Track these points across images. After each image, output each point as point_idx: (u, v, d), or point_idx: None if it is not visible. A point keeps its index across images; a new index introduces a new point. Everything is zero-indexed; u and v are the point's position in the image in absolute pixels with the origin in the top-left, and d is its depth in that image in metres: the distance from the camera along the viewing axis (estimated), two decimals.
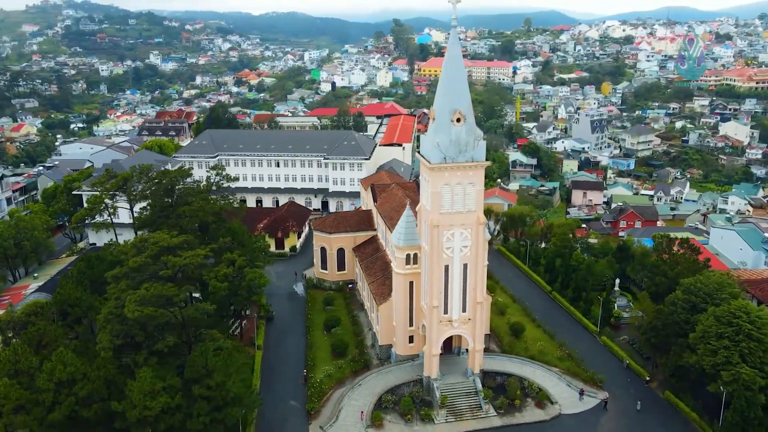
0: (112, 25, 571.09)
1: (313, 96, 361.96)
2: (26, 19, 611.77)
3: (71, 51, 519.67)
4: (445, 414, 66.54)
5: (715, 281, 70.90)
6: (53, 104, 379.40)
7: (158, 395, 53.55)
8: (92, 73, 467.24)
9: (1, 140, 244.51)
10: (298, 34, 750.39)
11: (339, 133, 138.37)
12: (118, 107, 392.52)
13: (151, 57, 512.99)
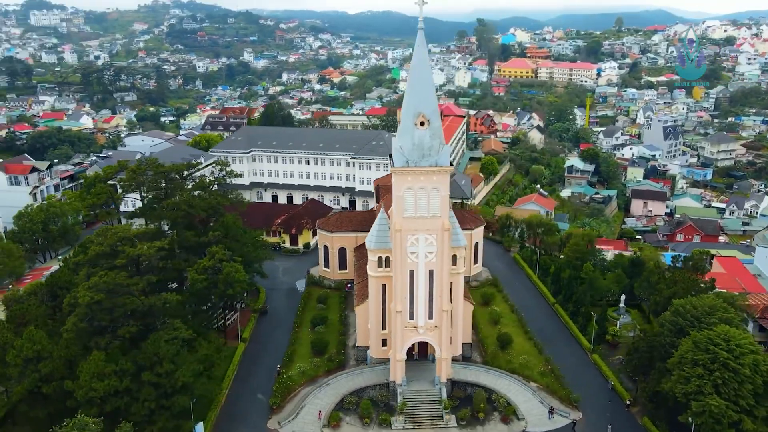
0: (212, 23, 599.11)
1: (390, 95, 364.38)
2: (137, 17, 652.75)
3: (173, 48, 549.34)
4: (404, 421, 65.99)
5: (707, 304, 66.16)
6: (150, 98, 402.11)
7: (107, 378, 56.57)
8: (189, 70, 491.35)
9: (94, 131, 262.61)
10: (391, 33, 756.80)
11: (369, 132, 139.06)
12: (209, 102, 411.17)
13: (245, 54, 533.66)
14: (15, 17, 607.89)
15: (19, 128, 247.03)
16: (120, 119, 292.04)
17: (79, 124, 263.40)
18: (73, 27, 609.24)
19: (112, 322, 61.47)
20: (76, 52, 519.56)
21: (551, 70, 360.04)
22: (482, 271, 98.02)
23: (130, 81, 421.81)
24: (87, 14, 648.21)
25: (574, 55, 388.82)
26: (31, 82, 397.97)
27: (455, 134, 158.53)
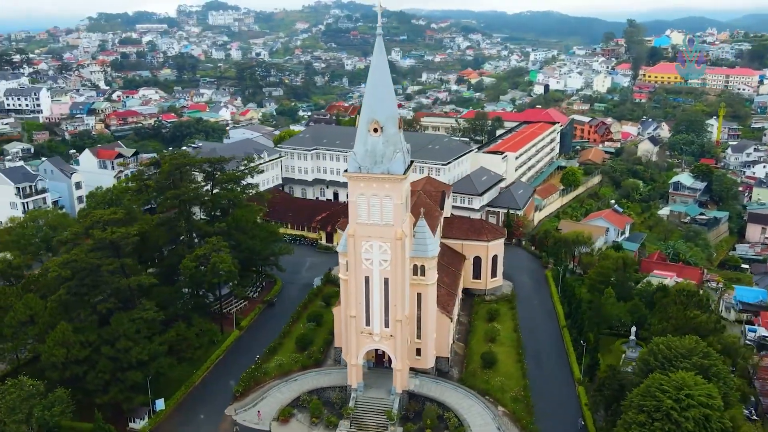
0: (365, 23, 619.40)
1: (524, 97, 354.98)
2: (301, 17, 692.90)
3: (327, 47, 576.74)
4: (349, 425, 66.19)
5: (685, 346, 59.28)
6: (295, 94, 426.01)
7: (72, 347, 63.07)
8: (338, 67, 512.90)
9: (230, 122, 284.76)
10: (549, 34, 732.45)
11: (430, 135, 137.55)
12: (351, 99, 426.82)
13: (392, 53, 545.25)
14: (196, 17, 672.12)
15: (166, 117, 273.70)
16: (255, 112, 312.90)
17: (217, 116, 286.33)
18: (243, 26, 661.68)
19: (91, 297, 68.03)
20: (242, 49, 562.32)
21: (704, 77, 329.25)
22: (502, 285, 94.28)
23: (279, 77, 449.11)
24: (257, 14, 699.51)
25: (735, 60, 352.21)
26: (195, 76, 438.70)
27: (534, 141, 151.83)
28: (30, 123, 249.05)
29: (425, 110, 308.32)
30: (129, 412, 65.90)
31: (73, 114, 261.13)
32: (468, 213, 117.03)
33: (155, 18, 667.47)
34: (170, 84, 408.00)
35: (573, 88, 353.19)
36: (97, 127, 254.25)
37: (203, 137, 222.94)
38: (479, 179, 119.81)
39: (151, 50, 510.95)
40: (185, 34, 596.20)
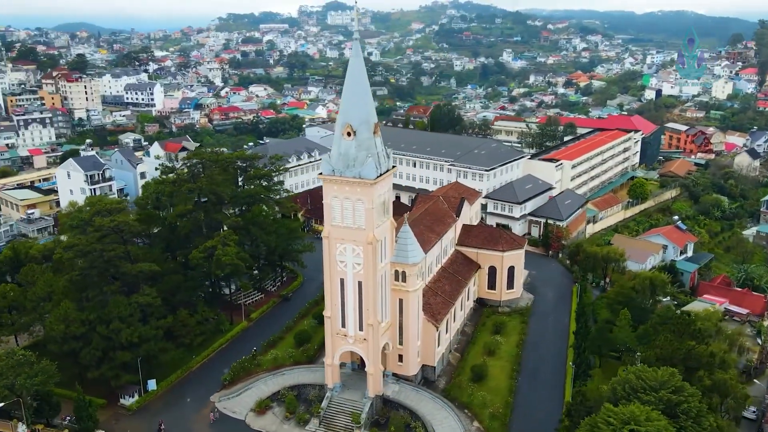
0: (479, 23, 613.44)
1: (633, 102, 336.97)
2: (416, 17, 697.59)
3: (438, 47, 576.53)
4: (318, 424, 67.24)
5: (656, 377, 55.07)
6: (400, 93, 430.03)
7: (71, 323, 68.81)
8: (447, 68, 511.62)
9: (326, 120, 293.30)
10: (681, 35, 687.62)
11: (478, 140, 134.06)
12: (455, 99, 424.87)
13: (504, 55, 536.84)
14: (316, 17, 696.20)
15: (264, 114, 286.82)
16: None
17: (313, 113, 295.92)
18: (360, 26, 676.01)
19: (101, 280, 73.73)
20: None
21: None
22: (520, 298, 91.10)
23: (385, 76, 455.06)
24: (374, 14, 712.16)
25: None
26: (304, 75, 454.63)
27: (599, 149, 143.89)
28: (144, 115, 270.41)
29: (527, 114, 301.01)
30: (120, 389, 70.75)
31: (182, 108, 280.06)
32: (507, 221, 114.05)
33: (279, 18, 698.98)
34: (281, 82, 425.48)
35: (688, 94, 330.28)
36: (201, 121, 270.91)
37: (296, 133, 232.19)
38: (522, 187, 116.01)
39: (269, 49, 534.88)
40: (304, 33, 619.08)
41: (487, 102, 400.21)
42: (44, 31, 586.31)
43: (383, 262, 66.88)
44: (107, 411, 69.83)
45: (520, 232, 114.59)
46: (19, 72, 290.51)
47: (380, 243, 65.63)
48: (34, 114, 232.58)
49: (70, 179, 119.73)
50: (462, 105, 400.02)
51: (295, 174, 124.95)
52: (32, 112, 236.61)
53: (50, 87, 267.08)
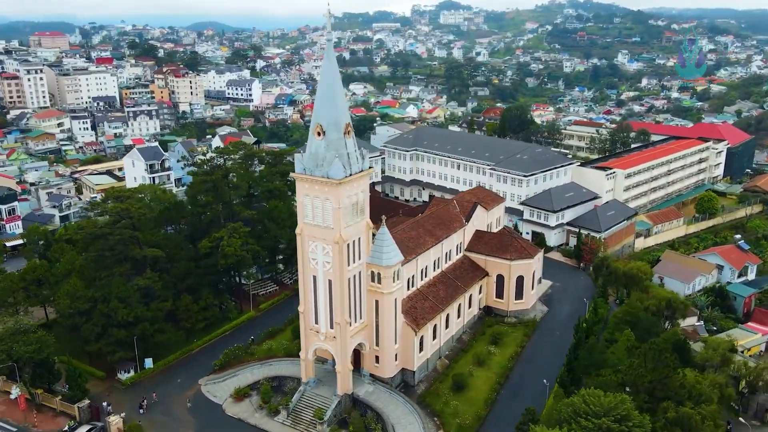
0: (596, 23, 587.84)
1: (753, 109, 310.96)
2: (531, 17, 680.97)
3: (549, 47, 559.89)
4: (286, 416, 68.92)
5: (602, 403, 52.08)
6: (502, 94, 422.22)
7: (77, 299, 74.88)
8: (556, 69, 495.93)
9: (417, 119, 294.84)
10: None
11: (523, 144, 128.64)
12: (561, 102, 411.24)
13: (619, 56, 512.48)
14: (428, 17, 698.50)
15: (355, 111, 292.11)
16: (443, 110, 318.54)
17: (404, 113, 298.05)
18: (472, 26, 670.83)
19: (114, 262, 79.68)
20: (464, 48, 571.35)
21: None
22: (530, 309, 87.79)
23: (488, 77, 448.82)
24: (488, 14, 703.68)
25: None
26: (407, 74, 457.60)
27: (665, 159, 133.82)
28: (242, 110, 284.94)
29: (635, 119, 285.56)
30: (118, 364, 76.05)
31: (277, 104, 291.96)
32: (542, 230, 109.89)
33: (392, 17, 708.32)
34: (384, 80, 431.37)
35: None
36: (294, 116, 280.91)
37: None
38: (560, 195, 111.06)
39: (377, 48, 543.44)
40: (414, 32, 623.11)
41: (593, 105, 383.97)
42: (176, 29, 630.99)
43: (356, 263, 67.30)
44: (105, 383, 75.40)
45: (556, 242, 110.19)
46: (137, 67, 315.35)
47: (352, 243, 66.16)
48: (143, 106, 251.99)
49: (134, 168, 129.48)
50: (566, 108, 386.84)
51: None
52: (141, 104, 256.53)
53: (161, 81, 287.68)
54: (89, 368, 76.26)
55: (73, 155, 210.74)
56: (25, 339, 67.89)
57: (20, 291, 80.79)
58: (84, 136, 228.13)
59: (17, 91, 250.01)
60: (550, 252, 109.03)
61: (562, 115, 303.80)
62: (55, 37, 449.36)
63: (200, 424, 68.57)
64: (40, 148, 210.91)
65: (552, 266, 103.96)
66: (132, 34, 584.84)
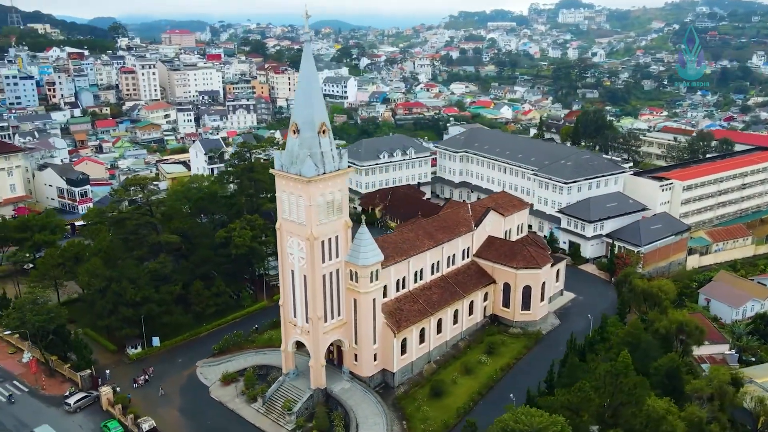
0: (731, 22, 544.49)
1: None
2: (659, 15, 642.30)
3: (674, 48, 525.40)
4: (262, 404, 71.16)
5: (533, 423, 49.98)
6: (613, 97, 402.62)
7: (95, 277, 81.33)
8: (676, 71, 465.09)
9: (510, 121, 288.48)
10: None
11: (570, 150, 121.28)
12: (679, 106, 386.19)
13: (754, 58, 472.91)
14: (546, 16, 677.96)
15: (447, 111, 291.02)
16: (538, 112, 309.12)
17: (497, 113, 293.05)
18: (593, 24, 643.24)
19: (135, 245, 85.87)
20: (580, 48, 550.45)
21: None
22: (538, 321, 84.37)
23: (599, 78, 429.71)
24: (611, 12, 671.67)
25: None
26: (513, 74, 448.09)
27: (736, 172, 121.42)
28: (335, 107, 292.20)
29: (760, 127, 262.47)
30: (127, 339, 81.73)
31: (370, 102, 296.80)
32: (578, 240, 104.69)
33: (509, 16, 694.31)
34: (489, 80, 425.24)
35: None
36: (385, 114, 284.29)
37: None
38: (601, 204, 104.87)
39: (488, 47, 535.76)
40: (530, 32, 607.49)
41: (714, 111, 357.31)
42: (296, 28, 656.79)
43: (333, 260, 68.11)
44: (114, 356, 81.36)
45: (593, 254, 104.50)
46: (244, 64, 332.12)
47: (328, 241, 67.02)
48: (242, 101, 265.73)
49: (197, 158, 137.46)
50: (683, 113, 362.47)
51: (383, 171, 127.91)
52: (241, 99, 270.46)
53: (262, 78, 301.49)
54: (104, 341, 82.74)
55: (173, 145, 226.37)
56: (38, 309, 74.76)
57: (59, 266, 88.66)
58: (185, 128, 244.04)
59: (133, 84, 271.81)
60: (585, 264, 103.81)
61: (673, 120, 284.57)
62: (183, 35, 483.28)
63: (184, 403, 72.38)
64: (146, 137, 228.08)
65: (583, 279, 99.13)
66: (255, 32, 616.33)
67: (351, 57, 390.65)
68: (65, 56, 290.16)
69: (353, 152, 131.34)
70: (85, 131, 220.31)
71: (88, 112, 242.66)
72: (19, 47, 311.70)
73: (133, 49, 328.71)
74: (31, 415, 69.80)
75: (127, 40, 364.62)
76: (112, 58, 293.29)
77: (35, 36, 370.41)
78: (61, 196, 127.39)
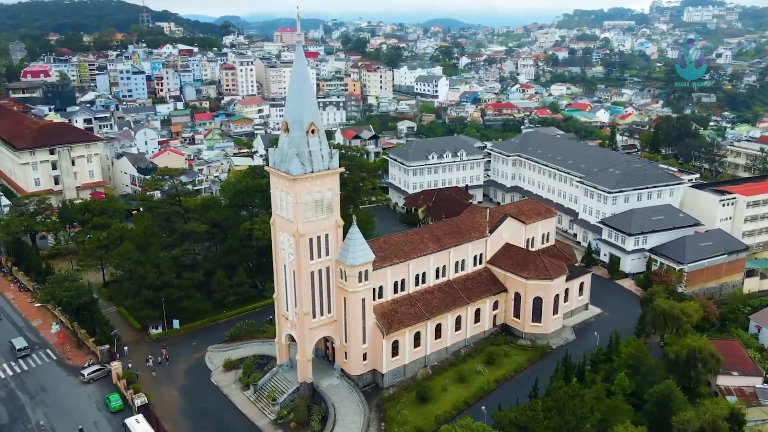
0: None
1: None
2: None
3: None
4: (253, 392, 73.59)
5: None
6: (733, 102, 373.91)
7: (123, 260, 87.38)
8: None
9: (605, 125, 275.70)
10: None
11: (622, 156, 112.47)
12: None
13: None
14: (669, 14, 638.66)
15: (540, 113, 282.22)
16: (639, 116, 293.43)
17: (592, 117, 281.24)
18: (723, 23, 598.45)
19: (165, 232, 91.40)
20: (705, 48, 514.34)
21: None
22: (551, 334, 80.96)
23: (720, 82, 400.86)
24: (744, 10, 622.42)
25: None
26: (622, 75, 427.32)
27: None
28: (426, 106, 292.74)
29: None
30: (149, 320, 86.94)
31: (460, 101, 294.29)
32: (618, 253, 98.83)
33: (628, 15, 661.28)
34: (595, 82, 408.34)
35: None
36: (474, 115, 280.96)
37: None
38: (645, 217, 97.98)
39: (600, 47, 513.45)
40: (649, 31, 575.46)
41: None
42: (405, 26, 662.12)
43: (322, 258, 69.09)
44: (138, 334, 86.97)
45: (633, 269, 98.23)
46: (340, 61, 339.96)
47: (317, 239, 68.08)
48: (332, 98, 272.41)
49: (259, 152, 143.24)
50: None
51: (431, 172, 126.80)
52: (331, 96, 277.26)
53: (355, 75, 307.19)
54: (132, 320, 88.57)
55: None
56: (66, 286, 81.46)
57: (103, 248, 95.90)
58: (276, 122, 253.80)
59: (232, 80, 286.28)
60: (623, 279, 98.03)
61: None
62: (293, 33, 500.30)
63: (185, 384, 76.24)
64: (238, 130, 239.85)
65: (617, 294, 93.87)
66: (366, 30, 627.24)
67: (450, 56, 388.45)
68: (176, 53, 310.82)
69: (402, 152, 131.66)
70: (183, 123, 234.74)
71: (189, 105, 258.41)
72: (138, 44, 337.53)
73: (236, 47, 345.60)
74: (50, 382, 76.38)
75: (231, 38, 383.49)
76: (217, 55, 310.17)
77: (155, 33, 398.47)
78: (132, 184, 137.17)
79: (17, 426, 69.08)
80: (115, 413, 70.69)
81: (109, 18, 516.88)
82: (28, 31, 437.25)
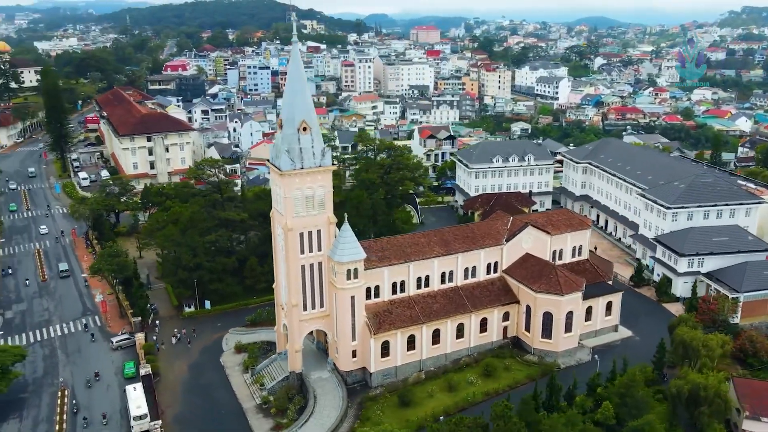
0: None
1: None
2: None
3: None
4: (251, 375, 76.78)
5: None
6: None
7: (166, 242, 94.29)
8: None
9: (747, 134, 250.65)
10: None
11: (697, 170, 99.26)
12: None
13: None
14: None
15: (669, 119, 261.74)
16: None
17: (731, 125, 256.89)
18: None
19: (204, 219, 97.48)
20: None
21: None
22: (562, 353, 76.19)
23: None
24: None
25: None
26: None
27: None
28: (544, 107, 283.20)
29: None
30: (185, 298, 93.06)
31: (581, 104, 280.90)
32: (670, 273, 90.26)
33: None
34: (752, 86, 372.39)
35: None
36: (594, 118, 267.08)
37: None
38: (704, 237, 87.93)
39: (766, 48, 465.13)
40: None
41: None
42: (548, 25, 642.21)
43: (314, 253, 70.48)
44: (174, 310, 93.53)
45: (684, 293, 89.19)
46: (462, 60, 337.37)
47: (308, 234, 69.59)
48: (446, 97, 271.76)
49: None
50: None
51: (494, 175, 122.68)
52: (446, 95, 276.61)
53: (473, 75, 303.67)
54: (173, 296, 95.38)
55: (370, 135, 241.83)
56: (111, 261, 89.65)
57: (160, 228, 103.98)
58: (387, 119, 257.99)
59: (351, 76, 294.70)
60: (673, 302, 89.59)
61: None
62: (429, 31, 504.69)
63: (196, 361, 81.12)
64: (348, 126, 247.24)
65: (658, 318, 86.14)
66: (507, 28, 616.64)
67: (582, 56, 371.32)
68: (304, 50, 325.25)
69: (467, 154, 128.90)
70: None
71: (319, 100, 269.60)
72: (273, 41, 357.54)
73: (359, 44, 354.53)
74: (86, 345, 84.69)
75: (355, 36, 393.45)
76: (341, 52, 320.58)
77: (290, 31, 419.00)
78: None
79: (47, 379, 77.48)
80: (128, 379, 76.98)
81: (260, 17, 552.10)
82: (188, 28, 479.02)
